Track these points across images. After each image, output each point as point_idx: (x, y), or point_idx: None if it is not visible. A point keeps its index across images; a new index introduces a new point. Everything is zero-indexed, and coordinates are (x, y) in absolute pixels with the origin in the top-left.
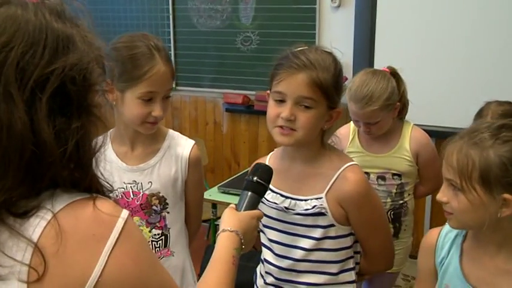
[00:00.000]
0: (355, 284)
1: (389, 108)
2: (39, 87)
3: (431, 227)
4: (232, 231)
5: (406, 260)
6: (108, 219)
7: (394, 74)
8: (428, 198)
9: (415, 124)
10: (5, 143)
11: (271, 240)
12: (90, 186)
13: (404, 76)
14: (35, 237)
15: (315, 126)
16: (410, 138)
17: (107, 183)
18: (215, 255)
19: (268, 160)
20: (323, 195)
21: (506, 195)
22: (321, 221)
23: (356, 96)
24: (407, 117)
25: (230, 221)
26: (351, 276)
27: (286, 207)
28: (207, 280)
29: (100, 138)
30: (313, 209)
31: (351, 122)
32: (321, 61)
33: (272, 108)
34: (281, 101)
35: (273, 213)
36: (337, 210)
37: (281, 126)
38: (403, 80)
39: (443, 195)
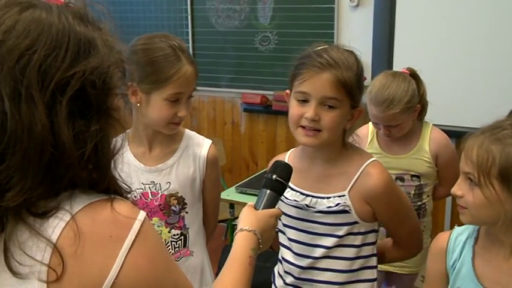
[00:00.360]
0: (375, 283)
1: (410, 110)
2: (59, 90)
3: (451, 228)
4: (249, 230)
5: (424, 261)
6: (125, 221)
7: (413, 75)
8: (449, 199)
9: (434, 124)
10: (26, 144)
11: (290, 240)
12: (108, 187)
13: (423, 76)
14: (54, 238)
15: (339, 126)
16: (429, 140)
17: (125, 184)
18: (232, 255)
19: (287, 158)
20: (346, 192)
21: None
22: (344, 218)
23: (377, 99)
24: (426, 117)
25: (248, 220)
26: (373, 274)
27: (307, 205)
28: (223, 280)
29: (119, 140)
30: (337, 206)
31: (370, 122)
32: (344, 60)
33: (295, 109)
34: (304, 101)
35: (292, 211)
36: (361, 207)
37: (304, 127)
38: (423, 81)
39: (459, 188)
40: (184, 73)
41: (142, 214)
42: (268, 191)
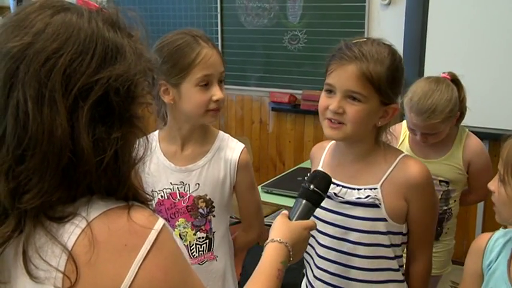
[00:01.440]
0: (405, 284)
1: (451, 119)
2: (82, 96)
3: (483, 232)
4: (281, 242)
5: (448, 263)
6: (141, 230)
7: (455, 80)
8: (481, 203)
9: (468, 127)
10: (45, 147)
11: (317, 230)
12: (127, 195)
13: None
14: (69, 245)
15: (365, 121)
16: (464, 146)
17: (146, 193)
18: (260, 267)
19: (327, 149)
20: (378, 185)
21: None
22: (373, 213)
23: (418, 108)
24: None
25: (280, 230)
26: (400, 275)
27: (335, 194)
28: None
29: (141, 150)
30: (366, 198)
31: (404, 121)
32: (375, 53)
33: (322, 100)
34: (331, 92)
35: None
36: (394, 202)
37: (330, 119)
38: (464, 86)
39: (492, 184)
40: (205, 54)
41: (159, 223)
42: (304, 201)
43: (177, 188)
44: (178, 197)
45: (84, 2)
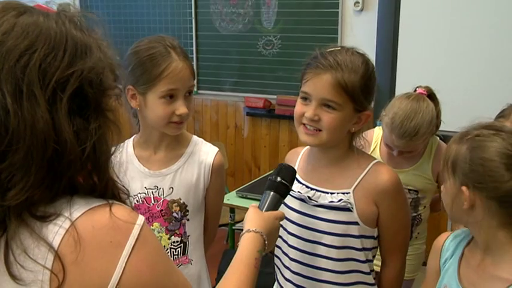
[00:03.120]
0: (375, 287)
1: (429, 137)
2: (60, 88)
3: None
4: (257, 232)
5: (419, 267)
6: (124, 226)
7: (431, 95)
8: None
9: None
10: (29, 141)
11: (288, 233)
12: (106, 188)
13: (427, 81)
14: (55, 245)
15: (340, 128)
16: (433, 157)
17: (123, 186)
18: (237, 256)
19: (301, 154)
20: (350, 190)
21: (464, 188)
22: (345, 216)
23: (401, 132)
24: None
25: (254, 221)
26: (371, 278)
27: (309, 197)
28: (228, 281)
29: (115, 141)
30: (339, 202)
31: (376, 128)
32: (349, 62)
33: (298, 106)
34: (306, 99)
35: (295, 204)
36: (365, 207)
37: (305, 125)
38: (439, 101)
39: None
40: (174, 68)
41: (141, 218)
42: (272, 193)
43: (152, 192)
44: (153, 201)
45: (42, 7)
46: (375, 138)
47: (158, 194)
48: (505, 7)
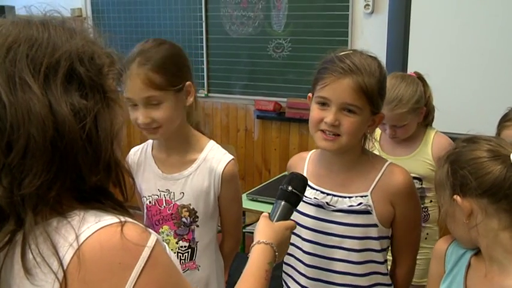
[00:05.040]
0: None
1: (416, 112)
2: (52, 72)
3: None
4: (267, 243)
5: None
6: (134, 248)
7: (420, 78)
8: None
9: (442, 132)
10: (28, 125)
11: (303, 239)
12: (109, 169)
13: (437, 82)
14: (64, 263)
15: (359, 131)
16: (432, 144)
17: (127, 168)
18: (248, 269)
19: (308, 159)
20: (368, 193)
21: (455, 196)
22: (365, 219)
23: (386, 98)
24: (439, 123)
25: (265, 232)
26: (388, 279)
27: (327, 203)
28: None
29: (120, 122)
30: (359, 206)
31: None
32: (367, 66)
33: (315, 112)
34: (325, 105)
35: (311, 210)
36: (383, 209)
37: (324, 131)
38: (429, 85)
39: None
40: (128, 76)
41: (152, 240)
42: (283, 203)
43: (164, 195)
44: (164, 204)
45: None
46: (375, 133)
47: (169, 197)
48: None
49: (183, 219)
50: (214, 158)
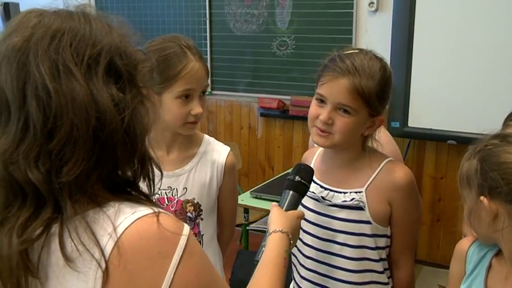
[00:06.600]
0: (389, 286)
1: None
2: (94, 63)
3: None
4: (283, 232)
5: None
6: (172, 236)
7: None
8: None
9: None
10: (71, 114)
11: (303, 231)
12: (144, 161)
13: (442, 80)
14: (106, 254)
15: (353, 132)
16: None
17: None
18: (267, 257)
19: (316, 155)
20: (363, 189)
21: (481, 197)
22: (357, 215)
23: None
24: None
25: (279, 221)
26: (385, 278)
27: (323, 197)
28: (259, 281)
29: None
30: (351, 201)
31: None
32: (367, 68)
33: (313, 108)
34: (322, 102)
35: (310, 203)
36: (378, 206)
37: (319, 127)
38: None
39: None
40: (191, 69)
41: (186, 229)
42: (291, 192)
43: (165, 193)
44: (167, 202)
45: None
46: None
47: (172, 194)
48: None
49: (188, 214)
50: (214, 150)
